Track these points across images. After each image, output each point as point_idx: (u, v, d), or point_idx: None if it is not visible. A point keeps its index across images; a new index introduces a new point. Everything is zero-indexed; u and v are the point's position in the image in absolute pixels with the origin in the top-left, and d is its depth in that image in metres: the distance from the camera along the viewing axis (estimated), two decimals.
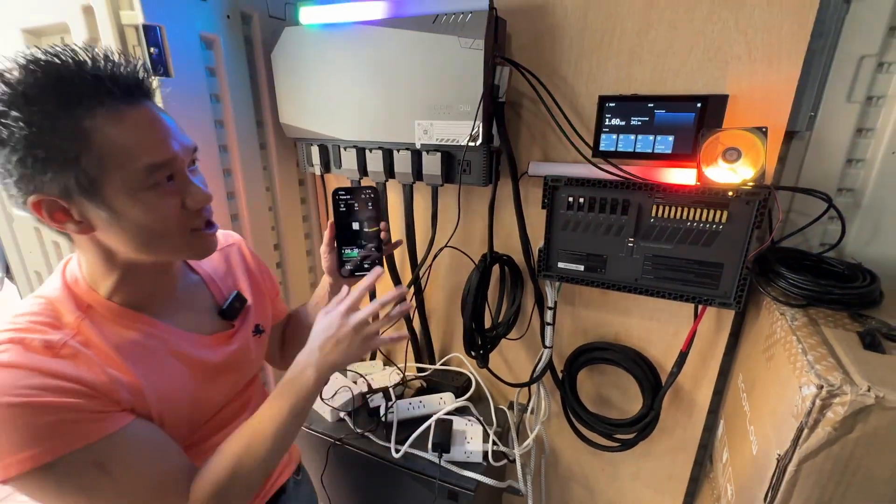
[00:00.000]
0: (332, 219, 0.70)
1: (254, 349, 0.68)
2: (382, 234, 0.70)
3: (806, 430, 0.49)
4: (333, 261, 0.71)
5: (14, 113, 0.40)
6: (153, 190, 0.46)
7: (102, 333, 0.49)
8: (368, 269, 0.70)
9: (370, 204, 0.69)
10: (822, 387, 0.47)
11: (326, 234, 0.71)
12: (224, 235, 0.72)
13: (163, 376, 0.53)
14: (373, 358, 1.16)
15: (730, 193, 0.66)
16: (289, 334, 0.82)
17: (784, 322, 0.60)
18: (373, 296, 1.04)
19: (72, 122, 0.42)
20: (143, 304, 0.54)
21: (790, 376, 0.53)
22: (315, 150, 0.92)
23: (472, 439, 0.89)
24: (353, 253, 0.70)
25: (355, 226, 0.70)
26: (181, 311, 0.59)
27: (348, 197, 0.69)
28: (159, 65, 0.72)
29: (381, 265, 0.71)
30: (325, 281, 0.76)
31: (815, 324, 0.59)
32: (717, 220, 0.68)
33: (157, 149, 0.46)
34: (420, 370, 1.09)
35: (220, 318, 0.64)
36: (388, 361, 1.15)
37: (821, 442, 0.48)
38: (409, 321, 1.06)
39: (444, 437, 0.87)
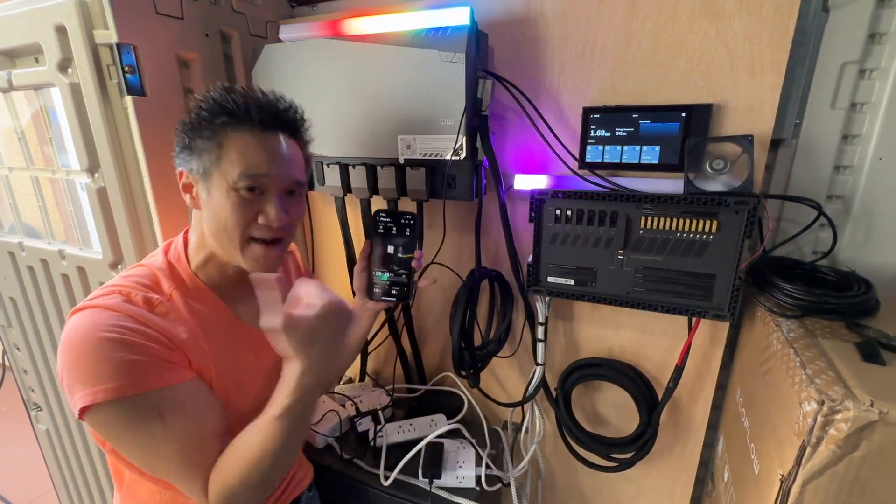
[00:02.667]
0: (368, 239, 0.71)
1: None
2: (414, 263, 0.70)
3: (809, 449, 0.46)
4: (363, 281, 0.72)
5: (192, 115, 0.57)
6: (238, 192, 0.56)
7: (187, 305, 0.58)
8: (396, 296, 0.70)
9: (408, 230, 0.69)
10: (822, 402, 0.45)
11: (362, 252, 0.73)
12: None
13: (224, 354, 0.61)
14: (362, 379, 1.12)
15: (718, 203, 0.64)
16: None
17: (780, 334, 0.59)
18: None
19: (211, 131, 0.56)
20: (217, 288, 0.63)
21: (789, 391, 0.51)
22: None
23: (464, 463, 0.85)
24: (384, 276, 0.70)
25: (390, 249, 0.70)
26: (244, 304, 0.66)
27: (388, 220, 0.70)
28: (133, 84, 0.71)
29: (411, 294, 0.70)
30: (357, 299, 0.77)
31: (811, 335, 0.57)
32: (706, 230, 0.66)
33: (255, 164, 0.56)
34: (410, 391, 1.06)
35: None
36: (377, 383, 1.11)
37: (825, 461, 0.46)
38: (397, 341, 1.03)
39: (436, 461, 0.84)
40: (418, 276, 0.73)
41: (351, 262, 0.97)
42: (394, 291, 0.70)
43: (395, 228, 0.69)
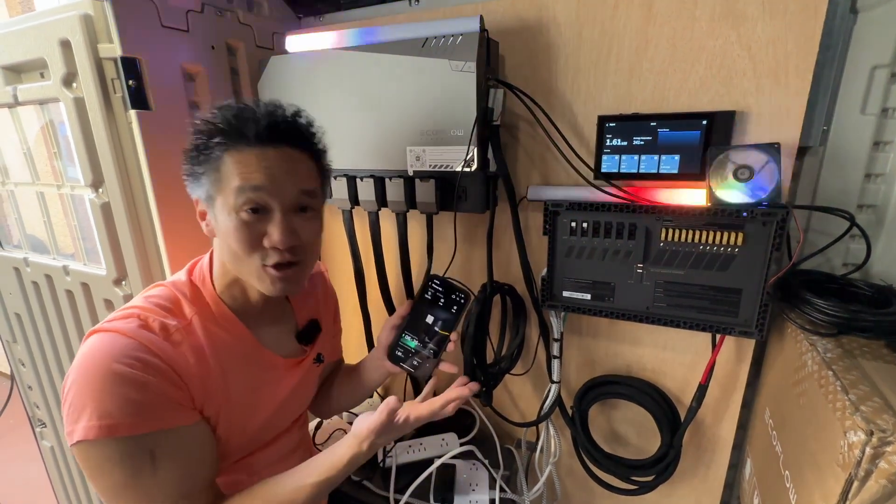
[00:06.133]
0: (413, 299, 0.69)
1: (312, 377, 0.72)
2: (450, 346, 0.67)
3: (856, 483, 0.43)
4: (390, 339, 0.70)
5: (191, 142, 0.54)
6: (240, 215, 0.53)
7: (206, 330, 0.56)
8: (415, 368, 0.68)
9: (455, 308, 0.66)
10: (871, 433, 0.41)
11: (401, 309, 0.71)
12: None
13: (240, 383, 0.59)
14: (370, 395, 1.09)
15: (744, 214, 0.61)
16: (333, 381, 0.83)
17: (815, 353, 0.55)
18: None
19: (207, 154, 0.53)
20: (242, 312, 0.61)
21: (830, 417, 0.48)
22: None
23: (477, 486, 0.82)
24: (412, 343, 0.67)
25: (429, 319, 0.67)
26: (268, 328, 0.65)
27: (440, 288, 0.67)
28: (138, 98, 0.69)
29: (429, 374, 0.68)
30: (377, 351, 0.75)
31: (850, 356, 0.53)
32: (732, 242, 0.63)
33: (251, 178, 0.52)
34: None
35: (296, 340, 0.70)
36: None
37: (875, 497, 0.42)
38: None
39: (448, 485, 0.80)
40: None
41: (359, 276, 0.95)
42: (415, 363, 0.67)
43: (443, 300, 0.66)
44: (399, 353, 0.67)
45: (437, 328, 0.66)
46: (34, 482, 1.72)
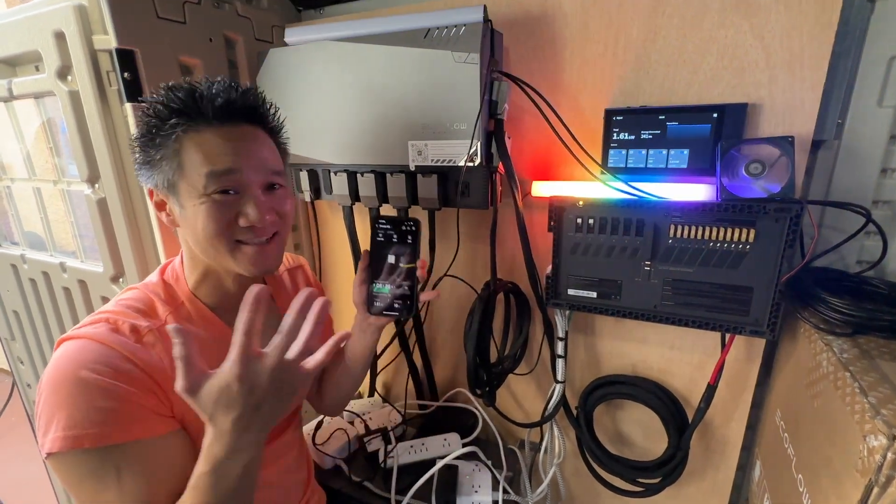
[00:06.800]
0: (366, 248, 0.66)
1: None
2: (419, 273, 0.64)
3: (877, 490, 0.41)
4: (363, 294, 0.66)
5: (142, 127, 0.51)
6: (211, 197, 0.50)
7: None
8: (399, 310, 0.64)
9: (410, 238, 0.64)
10: (894, 437, 0.39)
11: (361, 264, 0.67)
12: (293, 258, 0.78)
13: None
14: (371, 395, 1.08)
15: (756, 210, 0.59)
16: (326, 373, 0.81)
17: (830, 354, 0.53)
18: None
19: (163, 138, 0.50)
20: (219, 307, 0.59)
21: (848, 420, 0.46)
22: (304, 176, 0.86)
23: (480, 487, 0.80)
24: (385, 289, 0.65)
25: (391, 259, 0.64)
26: None
27: (388, 227, 0.64)
28: (133, 91, 0.68)
29: (415, 307, 0.65)
30: (358, 314, 0.71)
31: (868, 356, 0.51)
32: (743, 239, 0.61)
33: (221, 160, 0.50)
34: (422, 407, 1.01)
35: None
36: (387, 400, 1.07)
37: None
38: (409, 355, 0.99)
39: (450, 486, 0.79)
40: (421, 288, 0.67)
41: None
42: (396, 305, 0.65)
43: (395, 236, 0.64)
44: (378, 304, 0.65)
45: (401, 264, 0.64)
46: (34, 482, 1.71)
